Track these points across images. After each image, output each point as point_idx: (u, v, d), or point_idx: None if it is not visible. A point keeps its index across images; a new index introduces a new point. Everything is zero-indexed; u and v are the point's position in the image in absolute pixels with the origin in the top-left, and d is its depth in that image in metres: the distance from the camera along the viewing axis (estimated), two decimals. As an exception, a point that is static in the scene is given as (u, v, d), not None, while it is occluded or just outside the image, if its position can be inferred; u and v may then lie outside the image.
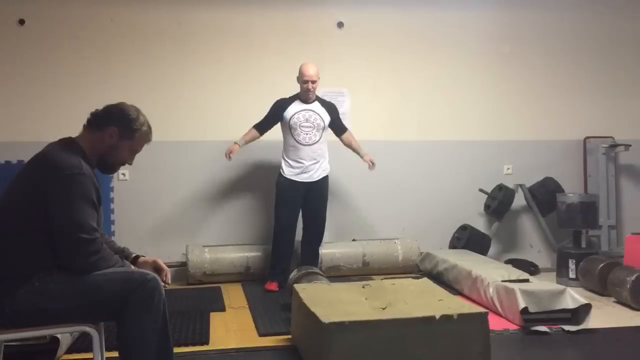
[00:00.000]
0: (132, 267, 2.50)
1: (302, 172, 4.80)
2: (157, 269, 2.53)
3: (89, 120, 2.47)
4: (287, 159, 4.83)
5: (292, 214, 4.88)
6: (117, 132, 2.43)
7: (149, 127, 2.51)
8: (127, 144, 2.47)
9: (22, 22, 5.12)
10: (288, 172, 4.81)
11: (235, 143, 4.85)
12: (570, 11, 5.95)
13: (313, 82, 4.74)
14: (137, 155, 2.56)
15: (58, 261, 2.25)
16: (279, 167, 4.86)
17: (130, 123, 2.45)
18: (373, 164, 5.03)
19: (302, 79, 4.76)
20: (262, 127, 4.89)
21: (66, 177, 2.24)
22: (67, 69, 5.13)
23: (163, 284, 2.42)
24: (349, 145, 5.07)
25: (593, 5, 5.98)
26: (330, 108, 4.93)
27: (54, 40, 5.16)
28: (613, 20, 6.02)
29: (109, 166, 2.51)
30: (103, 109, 2.49)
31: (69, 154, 2.32)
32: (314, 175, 4.83)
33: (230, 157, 4.85)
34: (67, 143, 2.41)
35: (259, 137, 4.92)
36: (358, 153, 5.07)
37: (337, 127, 5.01)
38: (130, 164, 2.55)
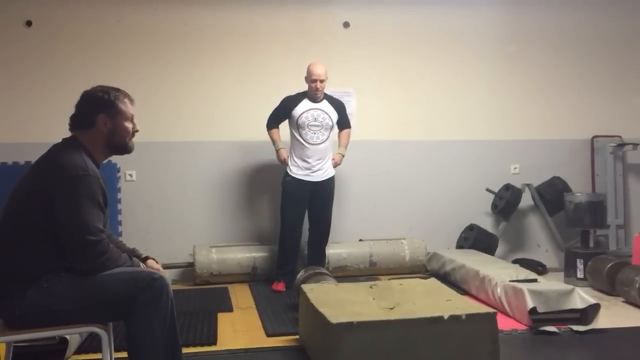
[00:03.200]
0: (142, 264, 2.50)
1: (308, 172, 4.79)
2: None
3: (74, 124, 2.46)
4: (293, 158, 4.83)
5: (299, 214, 4.87)
6: (106, 116, 2.44)
7: (121, 91, 2.52)
8: (120, 118, 2.47)
9: (29, 23, 5.14)
10: (295, 171, 4.80)
11: (280, 149, 4.83)
12: (577, 9, 5.92)
13: (321, 81, 4.74)
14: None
15: (66, 262, 2.26)
16: (286, 166, 4.86)
17: (108, 101, 2.45)
18: (336, 163, 4.94)
19: (310, 78, 4.76)
20: (275, 122, 4.88)
21: (72, 179, 2.25)
22: (74, 70, 5.14)
23: None
24: (339, 138, 5.02)
25: (600, 3, 5.95)
26: (339, 106, 4.93)
27: (60, 42, 5.18)
28: (620, 19, 5.99)
29: (123, 147, 2.51)
30: (77, 109, 2.48)
31: (74, 155, 2.32)
32: (320, 174, 4.82)
33: (287, 161, 4.83)
34: (71, 143, 2.41)
35: (279, 130, 4.91)
36: (338, 147, 4.99)
37: (342, 123, 4.97)
38: (138, 130, 2.55)
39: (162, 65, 5.32)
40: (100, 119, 2.43)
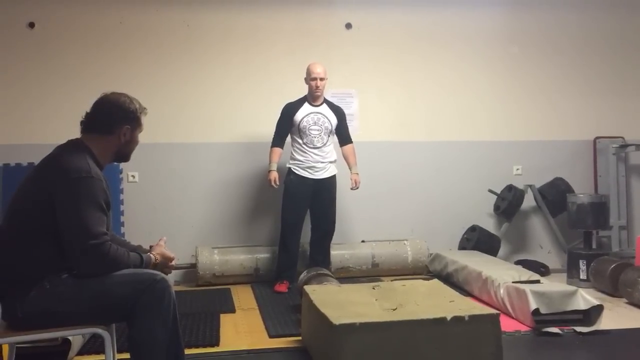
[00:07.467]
0: (151, 256, 2.48)
1: (312, 171, 4.80)
2: (165, 257, 2.56)
3: (90, 126, 2.44)
4: (295, 161, 4.83)
5: (300, 213, 4.87)
6: (130, 128, 2.47)
7: (140, 104, 2.54)
8: (137, 131, 2.53)
9: (32, 25, 5.15)
10: (297, 170, 4.81)
11: (271, 170, 4.77)
12: (579, 10, 5.92)
13: (321, 79, 4.74)
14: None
15: (68, 263, 2.26)
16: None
17: (135, 114, 2.49)
18: (356, 184, 4.93)
19: (310, 77, 4.77)
20: (281, 139, 4.84)
21: (74, 181, 2.24)
22: (77, 71, 5.15)
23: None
24: (346, 158, 4.98)
25: (602, 3, 5.94)
26: (338, 112, 4.92)
27: (63, 43, 5.19)
28: (623, 19, 5.99)
29: (127, 156, 2.56)
30: (99, 111, 2.45)
31: (78, 157, 2.32)
32: (322, 173, 4.83)
33: (277, 183, 4.80)
34: (75, 145, 2.41)
35: (282, 150, 4.87)
36: (350, 168, 4.97)
37: (342, 135, 4.96)
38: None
39: (165, 66, 5.32)
40: (124, 130, 2.45)
